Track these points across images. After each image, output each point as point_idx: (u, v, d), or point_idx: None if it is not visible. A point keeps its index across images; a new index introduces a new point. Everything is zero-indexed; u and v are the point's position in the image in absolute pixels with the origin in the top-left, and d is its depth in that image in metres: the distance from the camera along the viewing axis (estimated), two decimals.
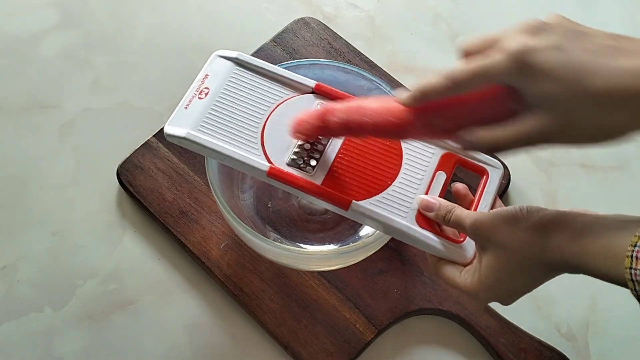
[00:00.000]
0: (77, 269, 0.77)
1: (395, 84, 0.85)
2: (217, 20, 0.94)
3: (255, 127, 0.63)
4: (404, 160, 0.64)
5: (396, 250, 0.76)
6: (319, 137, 0.63)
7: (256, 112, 0.64)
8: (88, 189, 0.82)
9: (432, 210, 0.60)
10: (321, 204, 0.62)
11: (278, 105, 0.64)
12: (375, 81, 0.71)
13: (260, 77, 0.66)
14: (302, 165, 0.62)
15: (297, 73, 0.68)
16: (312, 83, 0.66)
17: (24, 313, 0.75)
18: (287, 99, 0.65)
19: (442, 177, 0.63)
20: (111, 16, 0.94)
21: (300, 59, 0.84)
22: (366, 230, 0.74)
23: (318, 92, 0.66)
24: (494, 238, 0.53)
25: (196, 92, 0.64)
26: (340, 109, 0.58)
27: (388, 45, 0.93)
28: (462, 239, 0.60)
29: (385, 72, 0.86)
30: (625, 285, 0.46)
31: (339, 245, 0.73)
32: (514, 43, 0.46)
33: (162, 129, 0.78)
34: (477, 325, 0.72)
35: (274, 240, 0.70)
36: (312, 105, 0.65)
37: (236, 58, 0.66)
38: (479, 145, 0.51)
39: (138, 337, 0.74)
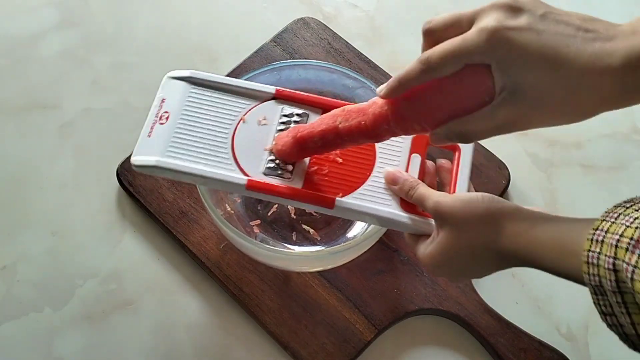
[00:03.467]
0: (77, 269, 0.77)
1: None
2: (216, 21, 0.94)
3: (223, 142, 0.62)
4: (378, 150, 0.64)
5: (396, 251, 0.76)
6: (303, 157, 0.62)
7: (222, 127, 0.63)
8: (88, 189, 0.82)
9: (396, 184, 0.61)
10: (305, 207, 0.61)
11: (242, 117, 0.64)
12: (361, 80, 0.71)
13: (218, 92, 0.65)
14: (279, 172, 0.61)
15: (281, 75, 0.67)
16: (272, 89, 0.65)
17: (24, 313, 0.75)
18: (250, 109, 0.64)
19: (417, 159, 0.64)
20: (111, 16, 0.94)
21: (300, 58, 0.84)
22: (355, 231, 0.74)
23: (279, 97, 0.65)
24: (452, 220, 0.54)
25: (156, 118, 0.63)
26: (310, 127, 0.58)
27: (388, 45, 0.93)
28: None
29: (385, 72, 0.86)
30: (572, 279, 0.47)
31: (328, 246, 0.73)
32: (489, 20, 0.46)
33: None
34: (477, 325, 0.72)
35: (262, 241, 0.70)
36: (276, 112, 0.64)
37: (189, 77, 0.65)
38: (452, 136, 0.51)
39: (138, 337, 0.74)
